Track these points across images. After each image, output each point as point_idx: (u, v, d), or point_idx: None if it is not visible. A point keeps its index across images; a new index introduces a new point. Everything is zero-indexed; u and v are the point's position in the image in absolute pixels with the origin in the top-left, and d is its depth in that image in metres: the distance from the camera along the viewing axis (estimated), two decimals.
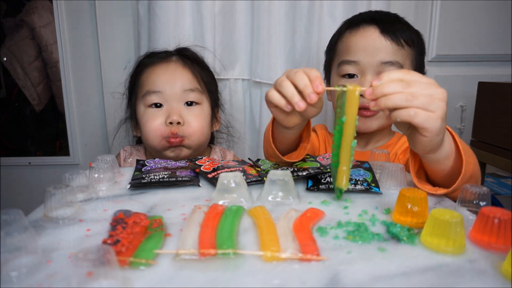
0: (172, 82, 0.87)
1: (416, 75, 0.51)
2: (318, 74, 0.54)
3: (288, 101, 0.55)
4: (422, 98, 0.49)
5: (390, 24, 0.85)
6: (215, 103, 0.98)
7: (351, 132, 0.50)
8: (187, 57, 0.93)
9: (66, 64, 1.35)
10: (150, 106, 0.87)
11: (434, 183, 0.62)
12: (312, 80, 0.54)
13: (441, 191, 0.57)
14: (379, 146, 0.94)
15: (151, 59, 0.92)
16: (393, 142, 0.93)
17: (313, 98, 0.53)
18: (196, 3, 1.20)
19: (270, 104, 0.59)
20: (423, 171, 0.64)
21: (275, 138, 0.69)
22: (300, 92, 0.54)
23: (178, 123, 0.86)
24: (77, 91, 1.39)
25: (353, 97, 0.48)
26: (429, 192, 0.56)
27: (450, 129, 0.58)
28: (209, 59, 1.22)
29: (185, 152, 0.89)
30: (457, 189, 0.56)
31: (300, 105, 0.53)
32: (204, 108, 0.92)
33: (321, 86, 0.53)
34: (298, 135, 0.68)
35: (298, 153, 0.69)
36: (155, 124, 0.86)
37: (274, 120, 0.67)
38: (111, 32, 1.32)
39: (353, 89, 0.48)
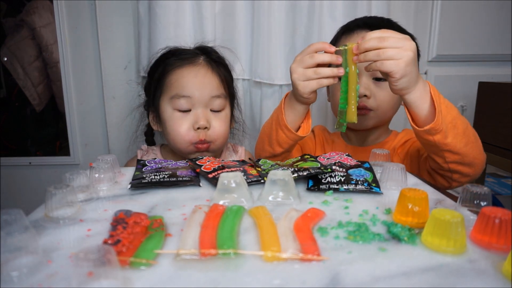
0: (202, 88, 0.89)
1: (392, 33, 0.67)
2: (320, 43, 0.72)
3: (332, 76, 0.72)
4: (390, 51, 0.65)
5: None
6: (233, 104, 1.01)
7: (355, 78, 0.70)
8: (214, 60, 0.94)
9: (66, 64, 1.35)
10: (178, 110, 0.89)
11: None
12: (322, 49, 0.72)
13: (427, 126, 0.68)
14: (377, 143, 0.98)
15: (179, 61, 0.91)
16: (391, 139, 0.98)
17: (340, 59, 0.70)
18: (196, 3, 1.20)
19: (309, 93, 0.74)
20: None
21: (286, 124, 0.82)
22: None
23: (205, 128, 0.89)
24: (77, 91, 1.39)
25: (352, 52, 0.68)
26: (418, 128, 0.70)
27: (429, 82, 0.71)
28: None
29: (208, 155, 0.92)
30: (443, 130, 0.68)
31: (341, 71, 0.70)
32: (227, 113, 0.96)
33: (332, 47, 0.71)
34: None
35: (304, 127, 0.83)
36: (183, 129, 0.89)
37: (285, 109, 0.82)
38: (111, 32, 1.32)
39: (350, 46, 0.69)
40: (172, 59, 0.92)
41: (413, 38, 0.93)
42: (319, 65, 0.73)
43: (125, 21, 1.32)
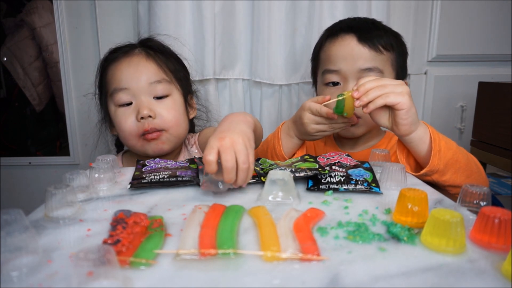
0: (137, 76, 0.84)
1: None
2: (317, 106, 0.77)
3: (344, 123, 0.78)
4: (390, 86, 0.66)
5: (367, 32, 0.87)
6: (187, 90, 0.95)
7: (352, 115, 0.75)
8: (150, 48, 0.90)
9: (66, 64, 1.35)
10: (121, 105, 0.86)
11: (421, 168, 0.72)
12: (322, 110, 0.76)
13: (423, 171, 0.69)
14: (369, 147, 0.95)
15: (114, 54, 0.89)
16: (384, 143, 0.95)
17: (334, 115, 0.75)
18: (196, 3, 1.20)
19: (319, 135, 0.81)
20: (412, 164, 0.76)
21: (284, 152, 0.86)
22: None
23: (150, 116, 0.83)
24: (77, 91, 1.39)
25: (350, 99, 0.70)
26: (414, 173, 0.71)
27: (425, 122, 0.72)
28: (209, 57, 1.22)
29: (166, 146, 0.87)
30: (439, 170, 0.68)
31: (355, 120, 0.80)
32: (176, 99, 0.89)
33: (331, 112, 0.75)
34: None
35: (299, 154, 0.85)
36: (128, 124, 0.84)
37: (282, 141, 0.85)
38: (111, 32, 1.32)
39: (347, 94, 0.70)
40: (109, 55, 0.89)
41: (398, 37, 0.92)
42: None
43: (124, 21, 1.32)
